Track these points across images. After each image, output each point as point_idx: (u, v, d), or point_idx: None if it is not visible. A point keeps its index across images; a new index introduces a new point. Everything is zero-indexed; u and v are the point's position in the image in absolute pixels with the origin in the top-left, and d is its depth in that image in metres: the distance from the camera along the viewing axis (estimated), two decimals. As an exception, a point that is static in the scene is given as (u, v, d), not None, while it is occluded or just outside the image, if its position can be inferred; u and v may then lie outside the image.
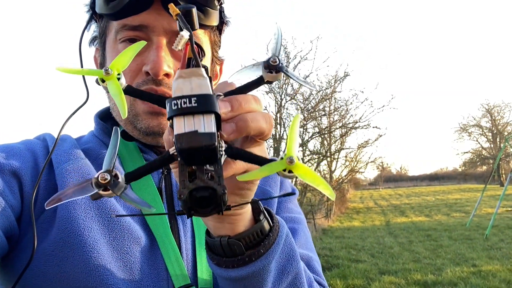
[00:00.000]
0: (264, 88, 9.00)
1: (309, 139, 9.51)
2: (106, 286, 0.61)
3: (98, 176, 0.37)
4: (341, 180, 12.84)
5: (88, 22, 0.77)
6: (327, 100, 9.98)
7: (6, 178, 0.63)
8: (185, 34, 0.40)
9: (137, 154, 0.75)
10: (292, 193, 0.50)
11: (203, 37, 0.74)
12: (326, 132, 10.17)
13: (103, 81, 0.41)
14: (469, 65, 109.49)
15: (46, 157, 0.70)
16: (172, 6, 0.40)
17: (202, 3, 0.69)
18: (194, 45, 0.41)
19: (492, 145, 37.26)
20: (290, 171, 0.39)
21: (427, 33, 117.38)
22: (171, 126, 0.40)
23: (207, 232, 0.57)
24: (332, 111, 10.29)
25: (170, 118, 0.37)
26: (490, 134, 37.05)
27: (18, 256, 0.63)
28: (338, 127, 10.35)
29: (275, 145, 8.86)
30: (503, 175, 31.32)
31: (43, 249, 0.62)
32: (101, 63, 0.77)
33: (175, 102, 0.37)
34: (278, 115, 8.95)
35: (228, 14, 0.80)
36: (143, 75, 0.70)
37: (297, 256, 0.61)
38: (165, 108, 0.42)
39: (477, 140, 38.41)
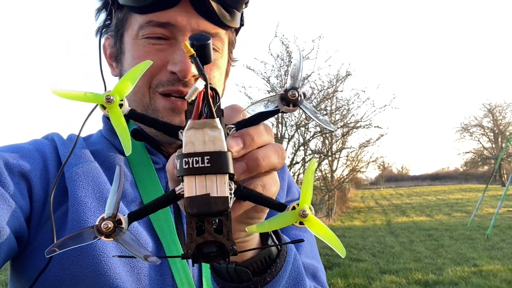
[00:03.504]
0: (265, 87, 9.00)
1: (311, 138, 9.51)
2: None
3: (101, 224, 0.35)
4: (342, 179, 12.82)
5: (108, 13, 0.75)
6: (329, 100, 9.97)
7: (16, 180, 0.63)
8: (200, 85, 0.36)
9: (144, 156, 0.75)
10: (301, 240, 0.47)
11: (224, 37, 0.74)
12: (328, 131, 10.16)
13: (104, 107, 0.37)
14: (471, 64, 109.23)
15: (55, 158, 0.70)
16: (186, 46, 0.37)
17: (230, 5, 0.69)
18: (209, 91, 0.37)
19: (493, 145, 37.12)
20: (301, 223, 0.37)
21: (429, 32, 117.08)
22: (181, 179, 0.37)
23: None
24: (333, 111, 10.29)
25: (180, 176, 0.35)
26: (491, 134, 36.90)
27: (30, 259, 0.63)
28: (339, 126, 10.34)
29: (277, 144, 8.84)
30: (505, 175, 31.22)
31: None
32: (116, 55, 0.76)
33: (186, 160, 0.34)
34: (280, 114, 8.93)
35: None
36: (167, 73, 0.69)
37: (304, 280, 0.61)
38: (169, 136, 0.40)
39: (478, 140, 38.29)
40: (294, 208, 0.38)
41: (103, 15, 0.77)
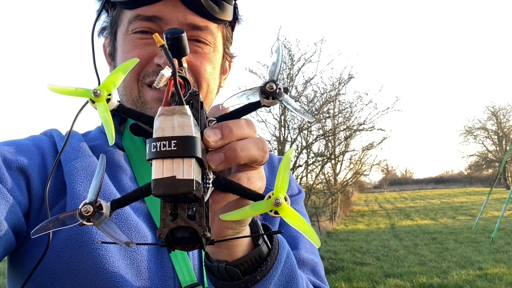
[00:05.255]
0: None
1: (314, 141, 9.50)
2: (114, 284, 0.61)
3: (81, 208, 0.37)
4: (346, 182, 12.79)
5: (100, 11, 0.76)
6: (332, 103, 9.96)
7: (14, 175, 0.63)
8: (166, 72, 0.38)
9: (143, 150, 0.75)
10: (280, 232, 0.48)
11: (216, 31, 0.74)
12: (331, 134, 10.15)
13: (93, 101, 0.39)
14: (475, 67, 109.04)
15: (53, 154, 0.70)
16: (156, 36, 0.38)
17: None
18: (179, 79, 0.39)
19: (497, 148, 36.98)
20: (276, 212, 0.38)
21: (433, 34, 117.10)
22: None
23: (207, 255, 0.57)
24: (336, 114, 10.27)
25: (149, 160, 0.36)
26: (495, 137, 36.78)
27: (28, 253, 0.63)
28: (342, 129, 10.32)
29: (279, 148, 8.86)
30: (509, 178, 31.08)
31: (53, 247, 0.62)
32: (111, 53, 0.77)
33: (155, 144, 0.35)
34: (282, 117, 8.94)
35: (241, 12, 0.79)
36: (154, 65, 0.70)
37: (298, 277, 0.60)
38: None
39: (482, 143, 38.17)
40: (270, 197, 0.39)
41: (103, 16, 0.78)
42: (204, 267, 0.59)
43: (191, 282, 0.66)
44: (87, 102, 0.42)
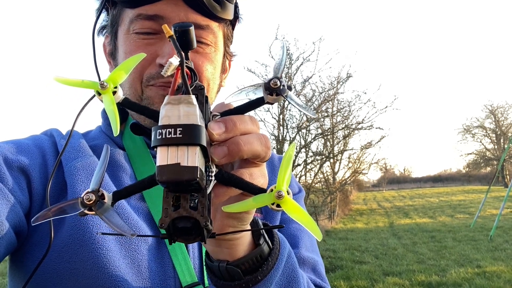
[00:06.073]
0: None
1: (312, 140, 9.51)
2: (115, 283, 0.61)
3: (83, 196, 0.37)
4: (344, 181, 12.80)
5: (101, 10, 0.76)
6: (330, 102, 9.98)
7: (15, 174, 0.63)
8: (174, 61, 0.38)
9: (144, 150, 0.75)
10: (281, 226, 0.49)
11: (217, 31, 0.74)
12: (329, 133, 10.16)
13: (99, 93, 0.40)
14: (473, 66, 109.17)
15: (54, 153, 0.70)
16: (165, 27, 0.39)
17: None
18: (186, 69, 0.39)
19: (496, 146, 37.02)
20: (278, 205, 0.38)
21: (431, 33, 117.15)
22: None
23: (207, 254, 0.56)
24: (335, 112, 10.29)
25: (154, 147, 0.36)
26: (493, 135, 36.81)
27: (30, 253, 0.63)
28: (341, 128, 10.34)
29: (278, 147, 8.86)
30: (507, 176, 31.15)
31: (54, 246, 0.62)
32: (111, 52, 0.77)
33: (160, 131, 0.36)
34: (281, 116, 8.95)
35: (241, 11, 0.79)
36: (156, 67, 0.69)
37: (299, 277, 0.60)
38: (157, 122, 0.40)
39: (480, 141, 38.19)
40: (272, 191, 0.39)
41: (102, 15, 0.78)
42: (204, 267, 0.59)
43: (192, 282, 0.66)
44: (94, 96, 0.42)
